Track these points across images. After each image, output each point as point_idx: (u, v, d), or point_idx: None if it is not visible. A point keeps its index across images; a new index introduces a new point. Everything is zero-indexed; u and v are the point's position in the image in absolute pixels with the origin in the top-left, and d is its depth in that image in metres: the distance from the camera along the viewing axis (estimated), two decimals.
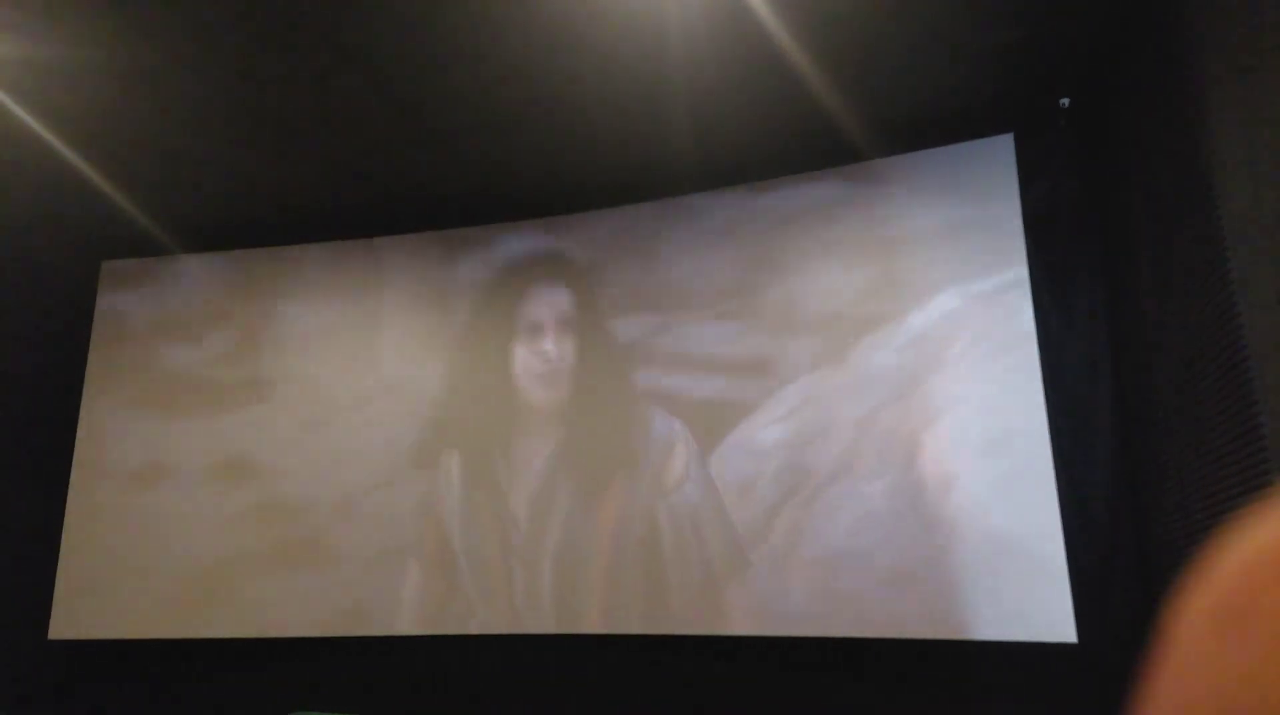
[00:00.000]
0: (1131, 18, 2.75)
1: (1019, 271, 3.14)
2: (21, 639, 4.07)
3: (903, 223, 3.38)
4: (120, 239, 4.38)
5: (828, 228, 3.52)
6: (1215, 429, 2.30)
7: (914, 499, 3.15)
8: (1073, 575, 2.87)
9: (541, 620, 3.58)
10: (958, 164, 3.32)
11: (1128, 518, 2.95)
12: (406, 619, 3.71)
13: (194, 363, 4.26)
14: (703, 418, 3.57)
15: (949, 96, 3.21)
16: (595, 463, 3.66)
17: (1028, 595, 2.93)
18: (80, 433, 4.29)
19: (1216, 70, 2.22)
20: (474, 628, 3.64)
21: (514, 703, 3.59)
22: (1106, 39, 2.90)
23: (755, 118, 3.34)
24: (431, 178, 3.89)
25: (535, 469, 3.73)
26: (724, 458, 3.48)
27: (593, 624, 3.51)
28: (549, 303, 3.88)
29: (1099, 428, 3.04)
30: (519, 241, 4.02)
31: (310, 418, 4.05)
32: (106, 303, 4.44)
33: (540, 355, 3.83)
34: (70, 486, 4.21)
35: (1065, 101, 3.18)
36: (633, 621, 3.48)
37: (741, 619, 3.33)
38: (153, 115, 3.36)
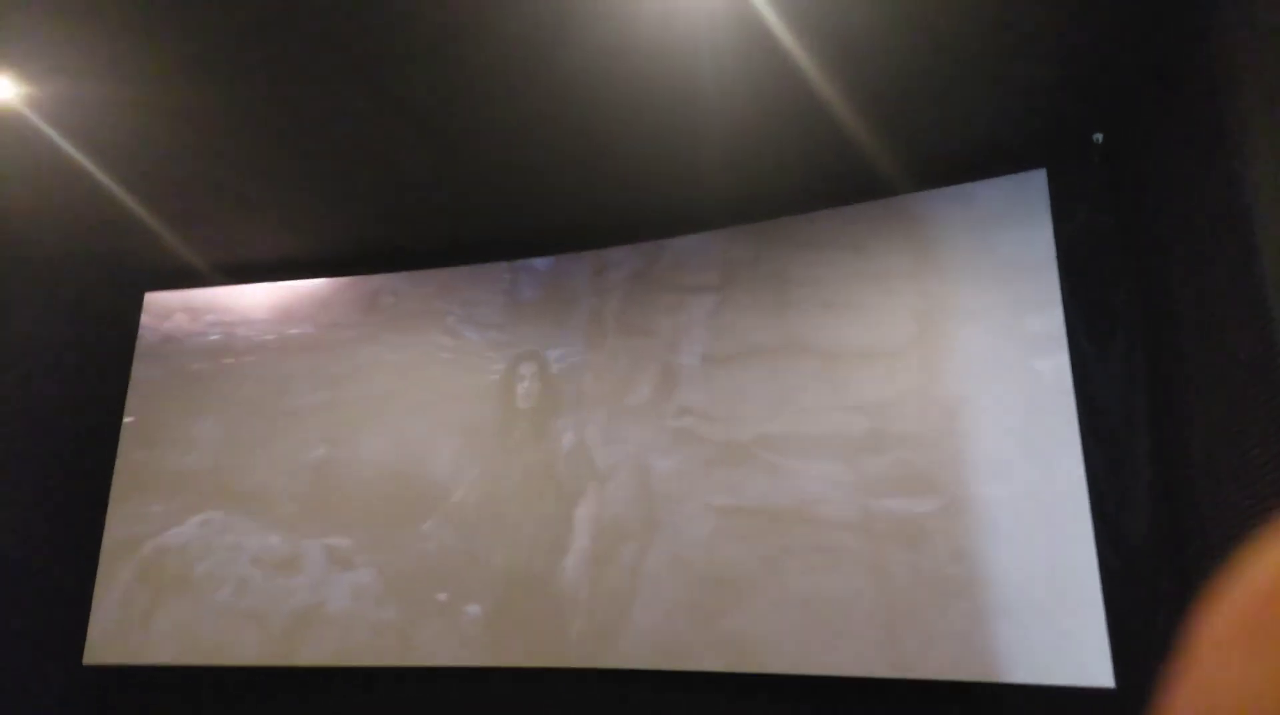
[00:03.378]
0: (1166, 52, 2.73)
1: (1053, 308, 3.10)
2: (57, 664, 4.11)
3: (934, 258, 3.35)
4: (162, 271, 4.48)
5: (858, 262, 3.49)
6: (1259, 468, 2.25)
7: (945, 536, 3.10)
8: (1110, 618, 2.79)
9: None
10: (990, 199, 3.30)
11: (1168, 559, 2.88)
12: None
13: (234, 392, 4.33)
14: (727, 448, 3.53)
15: (982, 131, 3.20)
16: None
17: (1063, 637, 2.86)
18: (119, 461, 4.35)
19: (1252, 103, 2.20)
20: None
21: None
22: (1140, 74, 2.88)
23: (787, 151, 3.35)
24: (467, 213, 3.95)
25: None
26: (745, 489, 3.43)
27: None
28: None
29: (1137, 466, 2.98)
30: None
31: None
32: (148, 333, 4.53)
33: None
34: (108, 516, 4.27)
35: (1099, 137, 3.16)
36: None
37: (747, 655, 3.25)
38: (195, 151, 3.44)
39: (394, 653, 3.50)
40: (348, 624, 3.66)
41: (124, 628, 4.03)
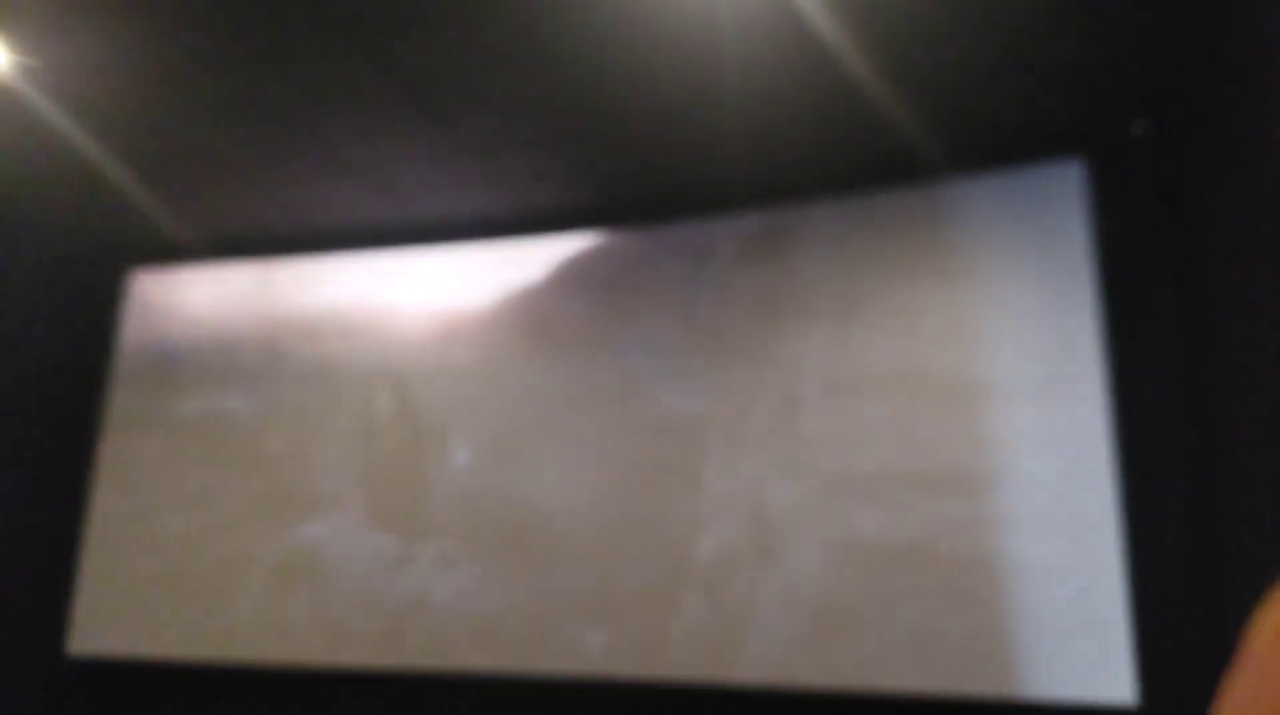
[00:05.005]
0: (1212, 38, 2.59)
1: (1086, 303, 2.96)
2: (40, 654, 4.02)
3: (965, 248, 3.21)
4: (149, 246, 4.35)
5: (886, 249, 3.36)
6: None
7: (966, 542, 2.98)
8: (1135, 632, 2.69)
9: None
10: (1025, 188, 3.15)
11: (1199, 571, 2.75)
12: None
13: (217, 376, 4.22)
14: (752, 448, 3.41)
15: (1017, 117, 3.05)
16: None
17: (1085, 652, 2.75)
18: (104, 444, 4.25)
19: None
20: None
21: None
22: (1184, 60, 2.73)
23: (814, 133, 3.21)
24: (465, 189, 3.81)
25: None
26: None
27: None
28: None
29: (1170, 473, 2.84)
30: None
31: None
32: (133, 309, 4.41)
33: None
34: (93, 498, 4.17)
35: (1140, 124, 3.01)
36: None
37: (766, 667, 3.14)
38: (184, 121, 3.31)
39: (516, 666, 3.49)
40: (463, 628, 3.57)
41: (108, 618, 3.97)
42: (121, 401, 4.29)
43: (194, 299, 4.28)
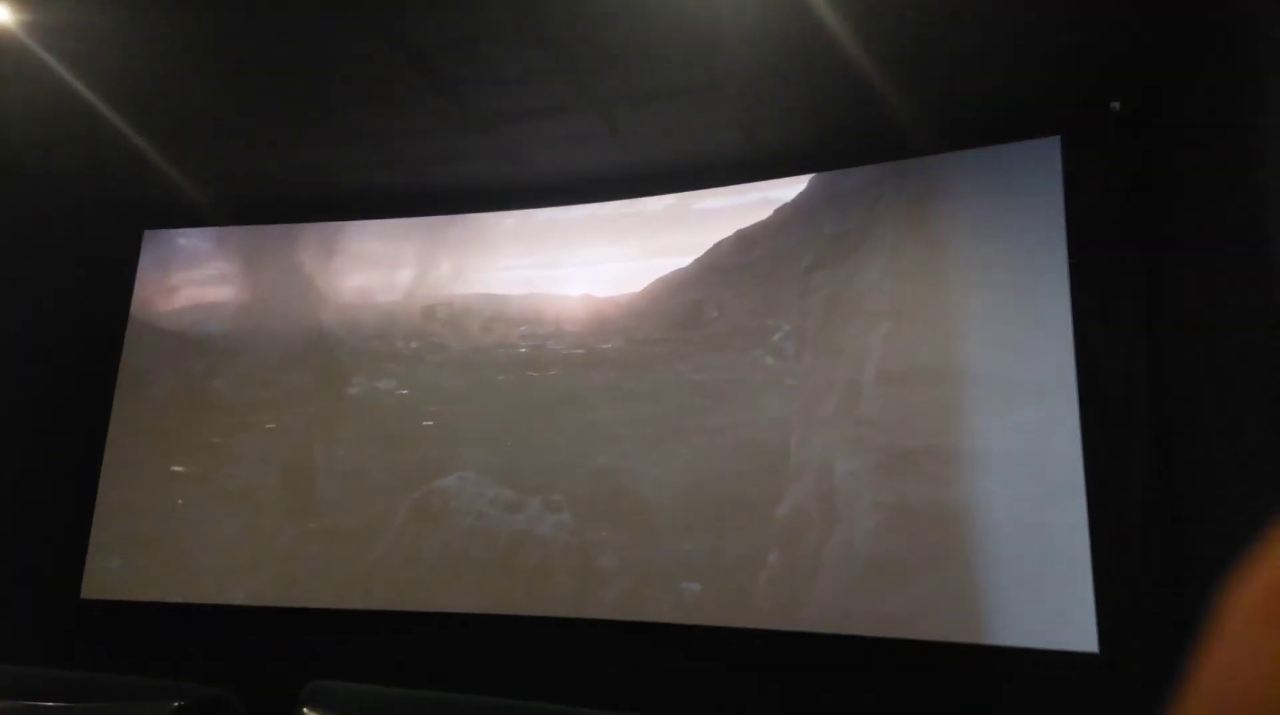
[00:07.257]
0: (1187, 21, 2.68)
1: (1060, 276, 3.09)
2: (55, 596, 4.17)
3: (944, 221, 3.35)
4: (163, 208, 4.44)
5: (867, 222, 3.50)
6: (1256, 441, 2.26)
7: (935, 498, 3.14)
8: (1098, 583, 2.84)
9: None
10: (1003, 164, 3.27)
11: (1160, 527, 2.91)
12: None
13: (228, 332, 4.34)
14: (729, 412, 3.57)
15: (998, 95, 3.16)
16: None
17: (1049, 601, 2.91)
18: (117, 397, 4.39)
19: (1273, 77, 2.17)
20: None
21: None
22: (1161, 42, 2.83)
23: (803, 109, 3.31)
24: (471, 161, 3.90)
25: None
26: (743, 451, 3.49)
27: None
28: None
29: (1134, 437, 2.99)
30: None
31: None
32: (147, 270, 4.54)
33: None
34: (106, 449, 4.32)
35: (1116, 105, 3.12)
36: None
37: (827, 610, 3.33)
38: (199, 86, 3.38)
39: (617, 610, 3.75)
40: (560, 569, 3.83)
41: (119, 564, 4.15)
42: (135, 352, 4.41)
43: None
